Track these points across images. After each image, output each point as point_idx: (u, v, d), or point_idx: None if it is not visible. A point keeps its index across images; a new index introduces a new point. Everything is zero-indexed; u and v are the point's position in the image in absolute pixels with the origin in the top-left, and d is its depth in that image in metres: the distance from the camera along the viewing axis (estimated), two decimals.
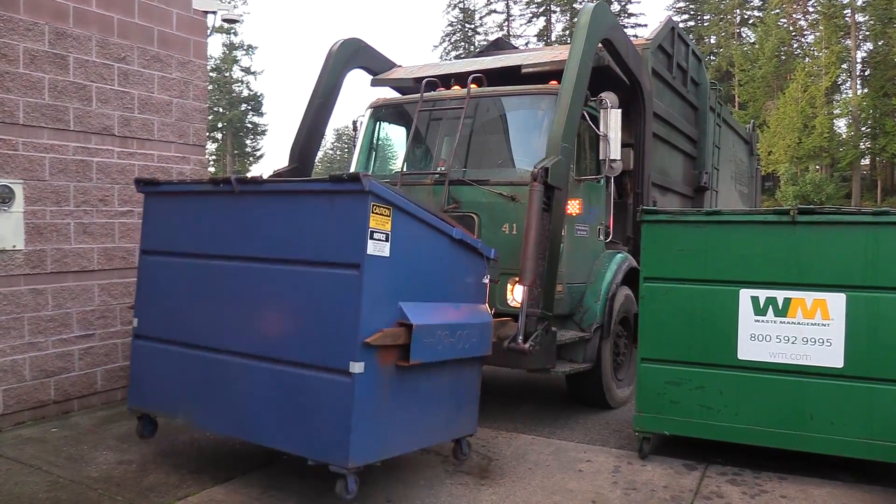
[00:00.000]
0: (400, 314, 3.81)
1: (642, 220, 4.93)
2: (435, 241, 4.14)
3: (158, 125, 6.62)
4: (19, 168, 5.53)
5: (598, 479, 4.56)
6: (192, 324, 4.41)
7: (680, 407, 4.81)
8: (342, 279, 3.66)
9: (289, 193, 4.00)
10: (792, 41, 48.82)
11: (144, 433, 4.78)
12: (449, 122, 6.29)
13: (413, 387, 4.02)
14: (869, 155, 45.86)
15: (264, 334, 4.03)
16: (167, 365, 4.53)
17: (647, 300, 4.93)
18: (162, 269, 4.66)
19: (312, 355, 3.77)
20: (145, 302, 4.74)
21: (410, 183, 6.10)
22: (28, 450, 4.94)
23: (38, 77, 5.63)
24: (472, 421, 4.66)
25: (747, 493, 4.35)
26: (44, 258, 5.71)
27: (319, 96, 6.89)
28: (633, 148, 6.93)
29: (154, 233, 4.77)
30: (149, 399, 4.66)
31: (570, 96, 5.44)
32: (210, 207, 4.42)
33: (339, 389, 3.63)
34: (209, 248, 4.37)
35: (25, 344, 5.59)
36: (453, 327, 4.15)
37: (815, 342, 4.47)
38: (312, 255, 3.83)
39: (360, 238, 3.59)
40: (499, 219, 5.65)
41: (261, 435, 4.05)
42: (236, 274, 4.21)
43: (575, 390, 6.36)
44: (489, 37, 66.30)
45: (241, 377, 4.10)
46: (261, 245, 4.08)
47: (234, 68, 56.21)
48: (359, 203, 3.60)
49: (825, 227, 4.45)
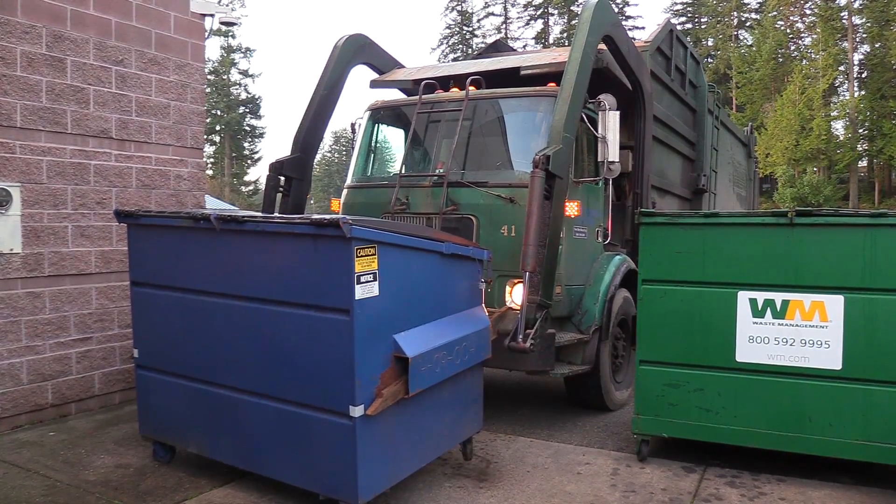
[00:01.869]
0: (395, 346, 3.81)
1: (640, 222, 4.93)
2: (425, 261, 4.11)
3: (156, 128, 6.61)
4: (17, 171, 5.53)
5: (597, 482, 4.55)
6: (190, 357, 4.40)
7: (678, 409, 4.81)
8: (333, 324, 3.63)
9: (272, 235, 3.89)
10: (789, 43, 48.92)
11: (158, 458, 4.78)
12: (447, 124, 6.28)
13: (415, 411, 4.05)
14: (866, 157, 45.91)
15: (263, 373, 4.01)
16: (172, 396, 4.55)
17: (646, 302, 4.92)
18: (152, 301, 4.61)
19: (312, 397, 3.78)
20: (142, 333, 4.73)
21: (409, 185, 6.09)
22: (25, 453, 4.93)
23: (36, 80, 5.62)
24: (478, 420, 4.76)
25: (746, 495, 4.35)
26: (41, 261, 5.70)
27: (323, 88, 6.88)
28: (633, 150, 6.92)
29: (140, 264, 4.70)
30: (159, 428, 4.70)
31: (573, 87, 5.44)
32: (192, 242, 4.32)
33: (341, 431, 3.65)
34: (195, 283, 4.31)
35: (23, 347, 5.58)
36: (451, 345, 4.16)
37: (813, 344, 4.47)
38: (300, 297, 3.78)
39: (347, 283, 3.53)
40: (497, 220, 5.63)
41: (271, 469, 4.08)
42: (225, 311, 4.16)
43: (573, 393, 6.35)
44: (487, 39, 66.38)
45: (246, 412, 4.13)
46: (247, 283, 4.03)
47: (232, 71, 56.21)
48: (342, 248, 3.53)
49: (823, 229, 4.45)
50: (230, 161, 55.52)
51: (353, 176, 6.80)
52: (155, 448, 4.79)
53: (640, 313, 4.97)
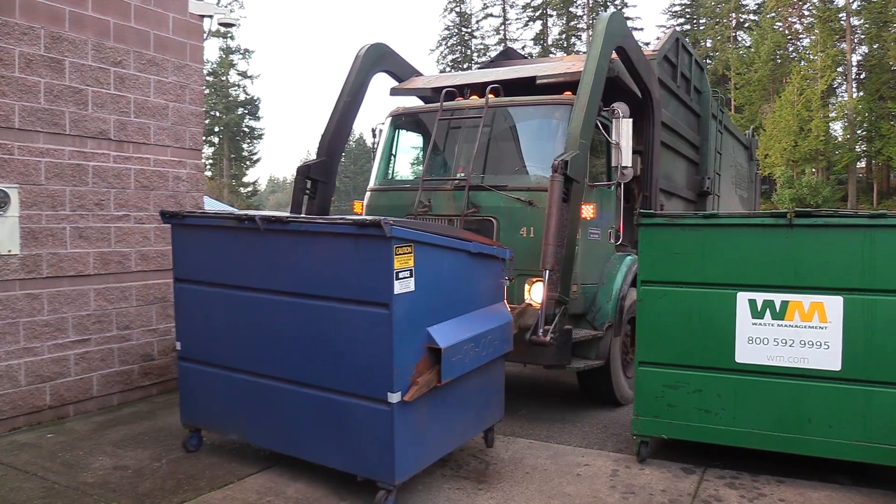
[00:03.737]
0: (428, 338, 4.08)
1: (640, 223, 4.93)
2: (454, 259, 4.40)
3: (155, 129, 6.61)
4: (15, 172, 5.52)
5: (596, 483, 4.55)
6: (234, 349, 4.62)
7: (678, 410, 4.80)
8: (372, 316, 3.90)
9: (314, 234, 4.17)
10: (787, 45, 48.98)
11: (190, 447, 5.03)
12: (468, 130, 6.59)
13: (445, 399, 4.31)
14: (865, 158, 45.98)
15: (304, 363, 4.25)
16: (214, 386, 4.77)
17: (645, 303, 4.92)
18: (196, 297, 4.84)
19: (352, 385, 4.03)
20: (184, 327, 4.95)
21: (431, 188, 6.40)
22: (23, 455, 4.92)
23: (34, 81, 5.61)
24: (500, 408, 5.07)
25: (745, 496, 4.35)
26: (39, 263, 5.69)
27: (347, 95, 7.15)
28: (642, 154, 7.20)
29: (184, 262, 4.93)
30: (200, 416, 4.95)
31: (588, 96, 5.74)
32: (236, 241, 4.57)
33: (379, 416, 3.91)
34: (241, 279, 4.55)
35: (21, 349, 5.57)
36: (478, 338, 4.44)
37: (812, 345, 4.47)
38: (340, 292, 4.05)
39: (386, 280, 3.81)
40: (517, 222, 5.92)
41: (311, 452, 4.34)
42: (268, 306, 4.40)
43: (586, 387, 6.61)
44: (486, 41, 66.49)
45: (287, 400, 4.36)
46: (290, 280, 4.28)
47: (231, 72, 56.18)
48: (383, 247, 3.80)
49: (822, 230, 4.45)
50: (229, 162, 55.49)
51: (376, 179, 7.11)
52: (189, 438, 5.03)
53: (640, 314, 4.98)
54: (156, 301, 6.65)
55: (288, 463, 4.76)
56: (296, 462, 4.63)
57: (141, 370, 6.54)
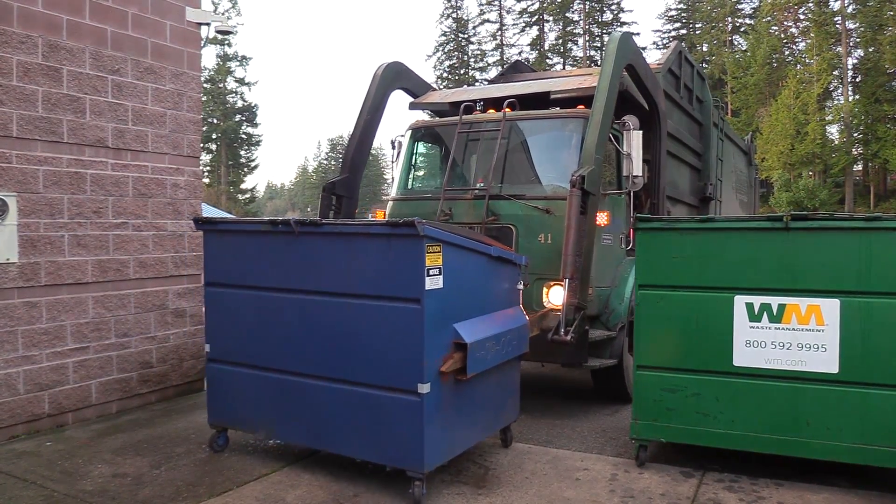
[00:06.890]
0: (454, 334, 4.30)
1: (637, 227, 4.95)
2: (477, 261, 4.65)
3: (152, 137, 6.62)
4: (13, 181, 5.52)
5: (596, 488, 4.55)
6: (264, 349, 4.79)
7: (676, 414, 4.81)
8: (404, 312, 4.11)
9: (348, 235, 4.37)
10: (783, 48, 49.16)
11: (217, 446, 5.17)
12: (486, 142, 6.93)
13: (469, 394, 4.56)
14: (861, 160, 46.11)
15: (335, 359, 4.42)
16: (243, 385, 4.92)
17: (643, 307, 4.93)
18: (227, 300, 5.00)
19: (383, 378, 4.21)
20: (214, 330, 5.12)
21: (452, 197, 6.74)
22: (22, 464, 4.91)
23: (32, 90, 5.63)
24: (515, 408, 5.32)
25: (744, 499, 4.35)
26: (38, 271, 5.69)
27: (367, 113, 7.50)
28: (649, 163, 7.43)
29: (216, 267, 5.11)
30: (228, 415, 5.08)
31: (602, 113, 6.08)
32: (270, 245, 4.75)
33: (410, 407, 4.10)
34: (273, 281, 4.72)
35: (19, 357, 5.57)
36: (498, 336, 4.69)
37: (809, 348, 4.48)
38: (373, 290, 4.25)
39: (418, 276, 4.03)
40: (535, 229, 6.28)
41: (340, 446, 4.51)
42: (301, 305, 4.57)
43: (600, 384, 6.96)
44: (482, 46, 66.66)
45: (317, 396, 4.52)
46: (324, 280, 4.46)
47: (229, 79, 56.27)
48: (415, 245, 4.04)
49: (819, 233, 4.47)
50: (227, 169, 55.53)
51: (397, 189, 7.50)
52: (215, 438, 5.16)
53: (638, 318, 4.99)
54: (154, 308, 6.65)
55: (287, 471, 4.76)
56: (295, 470, 4.62)
57: (139, 378, 6.53)
